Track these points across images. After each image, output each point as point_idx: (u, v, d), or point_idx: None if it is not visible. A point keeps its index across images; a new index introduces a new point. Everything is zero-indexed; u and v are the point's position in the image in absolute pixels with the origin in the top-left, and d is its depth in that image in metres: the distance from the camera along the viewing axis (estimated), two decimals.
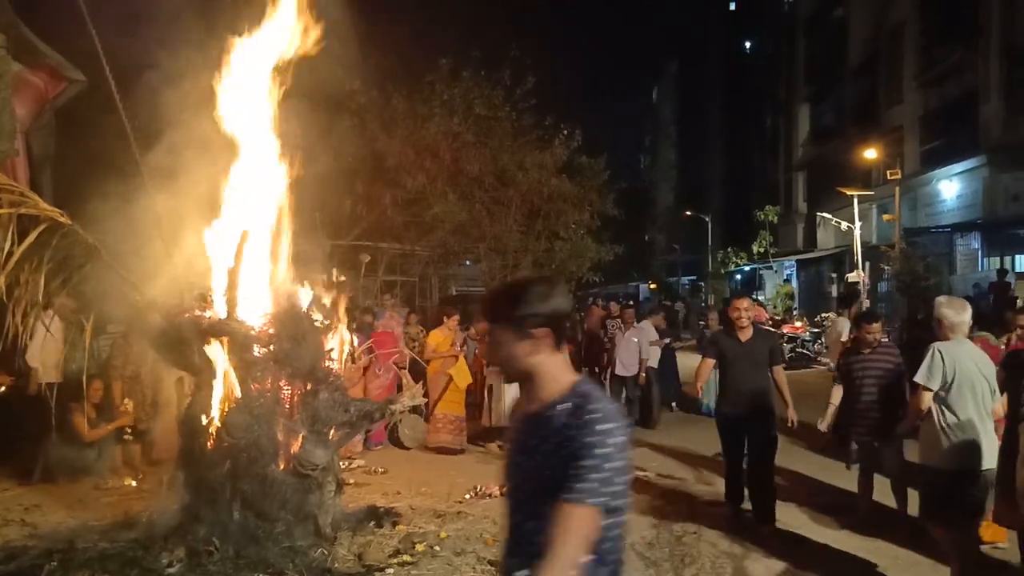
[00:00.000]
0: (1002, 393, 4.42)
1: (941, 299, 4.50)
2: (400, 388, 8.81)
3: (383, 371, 8.80)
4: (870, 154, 21.78)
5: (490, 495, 6.47)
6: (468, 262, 18.25)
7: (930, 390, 4.22)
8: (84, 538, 4.92)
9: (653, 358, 10.15)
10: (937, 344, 4.27)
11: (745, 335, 5.72)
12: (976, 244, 19.53)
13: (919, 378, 4.24)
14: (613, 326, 10.46)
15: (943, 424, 4.22)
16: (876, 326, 5.76)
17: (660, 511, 6.01)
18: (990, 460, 4.19)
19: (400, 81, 15.29)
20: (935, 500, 4.27)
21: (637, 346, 9.82)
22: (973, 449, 4.16)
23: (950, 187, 20.68)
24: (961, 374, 4.18)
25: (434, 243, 15.76)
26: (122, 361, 7.02)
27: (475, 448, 8.73)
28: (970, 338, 5.87)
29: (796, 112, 33.43)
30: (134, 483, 6.57)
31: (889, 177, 20.18)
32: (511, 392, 7.96)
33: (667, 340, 11.28)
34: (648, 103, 68.20)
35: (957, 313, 4.30)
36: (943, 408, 4.24)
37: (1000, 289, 14.56)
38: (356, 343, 7.68)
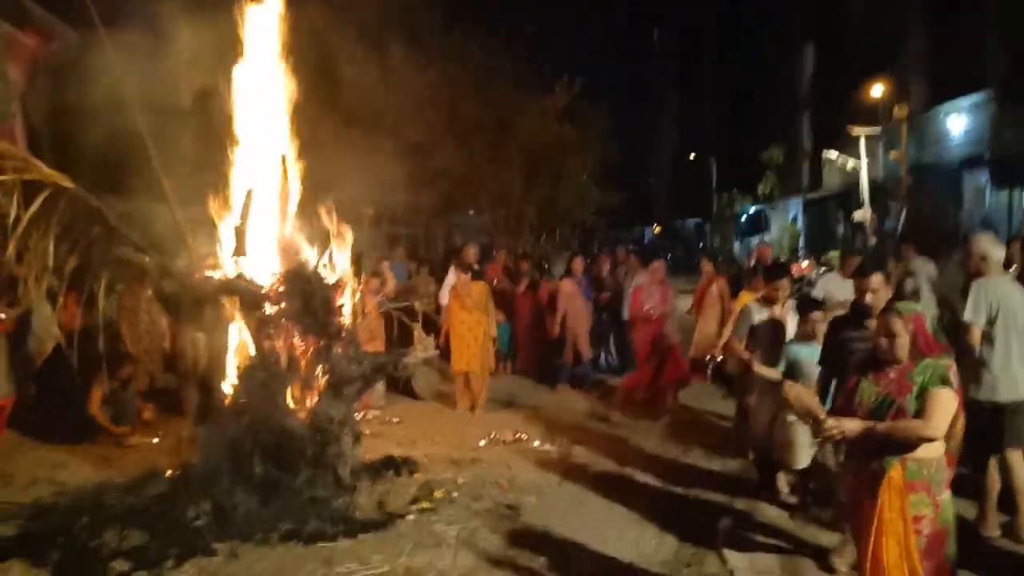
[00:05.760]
0: None
1: (982, 236, 4.56)
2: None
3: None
4: (876, 91, 21.35)
5: (503, 442, 6.61)
6: (472, 212, 18.16)
7: (978, 326, 4.31)
8: (111, 495, 5.05)
9: None
10: (980, 281, 4.36)
11: None
12: (984, 180, 19.29)
13: (967, 316, 4.34)
14: (621, 272, 10.48)
15: (984, 358, 4.31)
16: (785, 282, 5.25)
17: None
18: None
19: (396, 32, 14.96)
20: (976, 434, 4.24)
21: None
22: (1014, 381, 4.26)
23: (957, 122, 20.33)
24: (1005, 308, 4.28)
25: (437, 194, 15.65)
26: (132, 313, 7.00)
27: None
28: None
29: (801, 50, 32.68)
30: (156, 440, 6.69)
31: (896, 114, 19.84)
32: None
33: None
34: (649, 46, 66.63)
35: (998, 250, 4.45)
36: (985, 342, 4.32)
37: None
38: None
